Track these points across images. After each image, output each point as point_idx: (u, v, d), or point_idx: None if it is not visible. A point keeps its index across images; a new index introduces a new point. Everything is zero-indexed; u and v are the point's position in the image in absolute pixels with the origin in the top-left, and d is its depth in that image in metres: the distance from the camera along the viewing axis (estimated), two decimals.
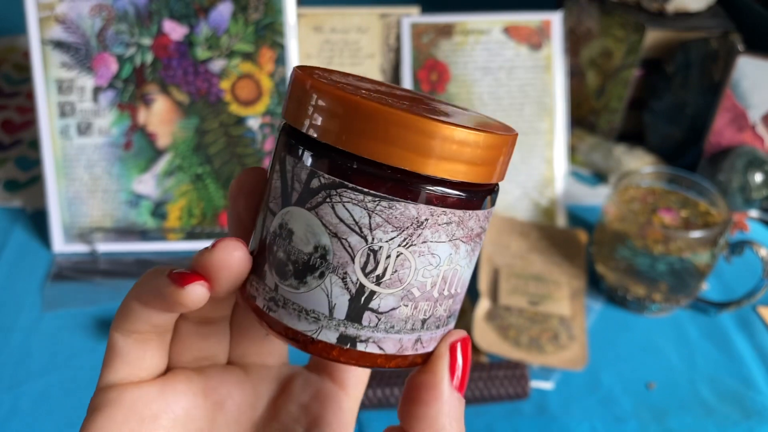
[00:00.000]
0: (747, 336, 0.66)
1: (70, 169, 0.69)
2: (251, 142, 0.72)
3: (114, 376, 0.23)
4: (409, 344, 0.23)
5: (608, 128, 0.89)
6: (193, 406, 0.24)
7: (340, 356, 0.22)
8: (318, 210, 0.21)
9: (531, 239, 0.74)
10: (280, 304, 0.22)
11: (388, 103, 0.21)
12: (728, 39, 0.81)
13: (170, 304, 0.22)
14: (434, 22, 0.78)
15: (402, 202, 0.21)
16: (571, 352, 0.62)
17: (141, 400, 0.23)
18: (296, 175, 0.22)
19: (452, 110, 0.24)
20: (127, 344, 0.23)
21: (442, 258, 0.22)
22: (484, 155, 0.21)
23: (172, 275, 0.22)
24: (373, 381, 0.56)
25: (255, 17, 0.70)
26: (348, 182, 0.21)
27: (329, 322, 0.22)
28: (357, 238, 0.21)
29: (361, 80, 0.25)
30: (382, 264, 0.21)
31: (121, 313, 0.23)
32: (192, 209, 0.71)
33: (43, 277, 0.66)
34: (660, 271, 0.64)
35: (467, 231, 0.22)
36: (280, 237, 0.22)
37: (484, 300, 0.66)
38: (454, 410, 0.22)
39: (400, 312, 0.22)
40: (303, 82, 0.22)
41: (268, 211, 0.23)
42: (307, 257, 0.21)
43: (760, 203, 0.80)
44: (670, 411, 0.58)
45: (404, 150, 0.20)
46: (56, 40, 0.68)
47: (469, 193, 0.22)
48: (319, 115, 0.21)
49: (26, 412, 0.54)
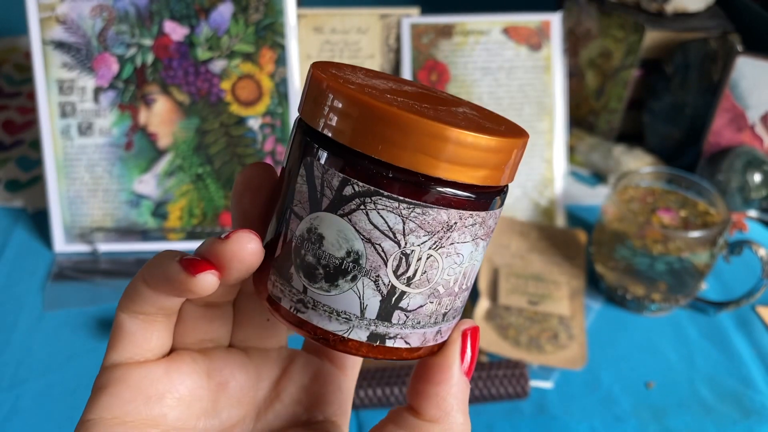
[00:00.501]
0: (746, 336, 0.67)
1: (71, 169, 0.69)
2: (252, 142, 0.72)
3: (120, 355, 0.24)
4: (431, 336, 0.24)
5: (607, 128, 0.89)
6: (197, 387, 0.25)
7: (369, 352, 0.23)
8: (351, 216, 0.22)
9: (531, 239, 0.74)
10: (310, 305, 0.23)
11: (422, 113, 0.21)
12: (727, 39, 0.81)
13: (180, 291, 0.22)
14: (434, 23, 0.79)
15: (435, 208, 0.21)
16: (570, 351, 0.62)
17: (147, 379, 0.24)
18: (326, 182, 0.22)
19: (471, 113, 0.24)
20: (133, 324, 0.24)
21: (465, 256, 0.23)
22: (506, 159, 0.22)
23: (183, 262, 0.22)
24: (373, 381, 0.56)
25: (255, 18, 0.71)
26: (383, 190, 0.21)
27: (360, 322, 0.23)
28: (390, 243, 0.22)
29: (375, 77, 0.25)
30: (413, 266, 0.22)
31: (129, 295, 0.23)
32: (192, 209, 0.72)
33: (44, 277, 0.66)
34: (659, 270, 0.64)
35: (487, 229, 0.23)
36: (309, 241, 0.22)
37: (483, 299, 0.66)
38: (462, 393, 0.24)
39: (426, 309, 0.23)
40: (336, 89, 0.22)
41: (292, 213, 0.23)
42: (339, 261, 0.22)
43: (759, 203, 0.80)
44: (670, 410, 0.58)
45: (438, 159, 0.21)
46: (57, 41, 0.68)
47: (490, 195, 0.23)
48: (353, 124, 0.21)
49: (26, 412, 0.54)
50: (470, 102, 0.26)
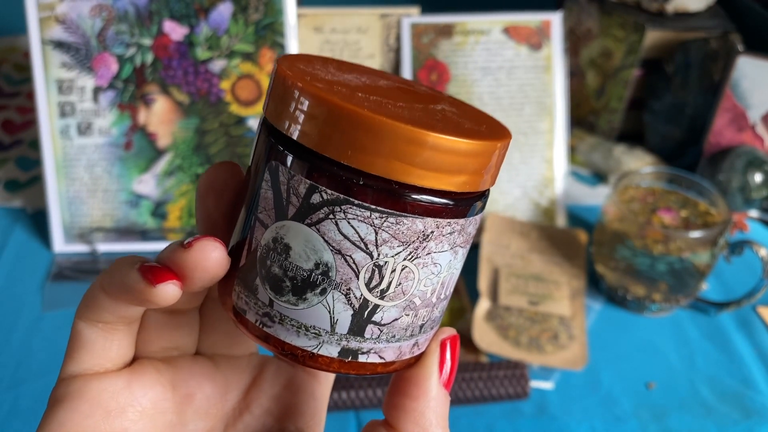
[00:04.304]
0: (747, 336, 0.66)
1: (71, 169, 0.69)
2: (251, 142, 0.72)
3: (78, 366, 0.22)
4: (407, 349, 0.22)
5: (608, 128, 0.89)
6: (161, 399, 0.23)
7: (340, 368, 0.22)
8: (320, 226, 0.20)
9: (531, 239, 0.74)
10: (276, 319, 0.21)
11: (395, 114, 0.20)
12: (728, 39, 0.81)
13: (139, 300, 0.21)
14: (434, 23, 0.78)
15: (410, 216, 0.20)
16: (570, 352, 0.62)
17: (106, 392, 0.22)
18: (292, 188, 0.20)
19: (450, 111, 0.23)
20: (92, 333, 0.22)
21: (442, 266, 0.21)
22: (486, 163, 0.21)
23: (143, 269, 0.21)
24: (373, 381, 0.56)
25: (255, 17, 0.70)
26: (354, 198, 0.20)
27: (331, 338, 0.21)
28: (362, 255, 0.20)
29: (348, 70, 0.24)
30: (387, 278, 0.21)
31: (87, 303, 0.22)
32: (192, 209, 0.71)
33: (44, 277, 0.66)
34: (660, 271, 0.64)
35: (466, 236, 0.22)
36: (275, 252, 0.21)
37: (484, 300, 0.66)
38: (441, 407, 0.22)
39: (401, 322, 0.22)
40: (301, 88, 0.20)
41: (256, 221, 0.21)
42: (307, 274, 0.21)
43: (759, 203, 0.80)
44: (670, 411, 0.58)
45: (412, 165, 0.19)
46: (56, 41, 0.68)
47: (469, 201, 0.21)
48: (320, 127, 0.20)
49: (26, 412, 0.54)
50: (450, 97, 0.25)
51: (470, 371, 0.57)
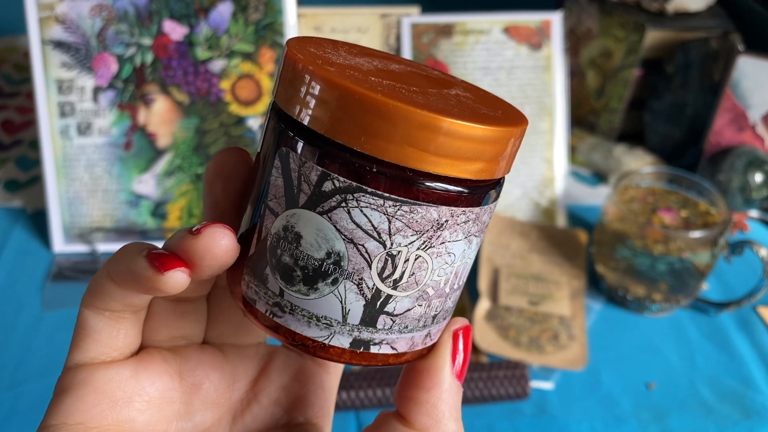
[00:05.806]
0: (747, 336, 0.66)
1: (70, 169, 0.69)
2: (251, 142, 0.72)
3: (84, 355, 0.22)
4: (420, 340, 0.22)
5: (608, 128, 0.89)
6: (168, 388, 0.23)
7: (351, 359, 0.21)
8: (331, 214, 0.20)
9: (531, 239, 0.74)
10: (287, 309, 0.21)
11: (410, 99, 0.19)
12: (728, 39, 0.81)
13: (147, 288, 0.20)
14: (434, 22, 0.78)
15: (424, 205, 0.19)
16: (571, 352, 0.62)
17: (113, 381, 0.22)
18: (303, 175, 0.20)
19: (464, 96, 0.22)
20: (98, 322, 0.22)
21: (456, 255, 0.21)
22: (502, 150, 0.20)
23: (150, 257, 0.20)
24: (374, 381, 0.56)
25: (255, 17, 0.70)
26: (367, 186, 0.19)
27: (342, 328, 0.21)
28: (375, 244, 0.20)
29: (359, 54, 0.23)
30: (400, 268, 0.20)
31: (93, 291, 0.21)
32: (192, 209, 0.71)
33: (43, 277, 0.66)
34: (660, 271, 0.64)
35: (481, 225, 0.21)
36: (285, 240, 0.20)
37: (484, 300, 0.66)
38: (454, 398, 0.22)
39: (414, 312, 0.21)
40: (312, 71, 0.19)
41: (266, 209, 0.21)
42: (318, 263, 0.20)
43: (760, 203, 0.80)
44: (670, 411, 0.58)
45: (427, 152, 0.19)
46: (56, 40, 0.68)
47: (485, 189, 0.21)
48: (332, 112, 0.19)
49: (26, 412, 0.54)
50: (464, 81, 0.24)
51: (470, 371, 0.57)
